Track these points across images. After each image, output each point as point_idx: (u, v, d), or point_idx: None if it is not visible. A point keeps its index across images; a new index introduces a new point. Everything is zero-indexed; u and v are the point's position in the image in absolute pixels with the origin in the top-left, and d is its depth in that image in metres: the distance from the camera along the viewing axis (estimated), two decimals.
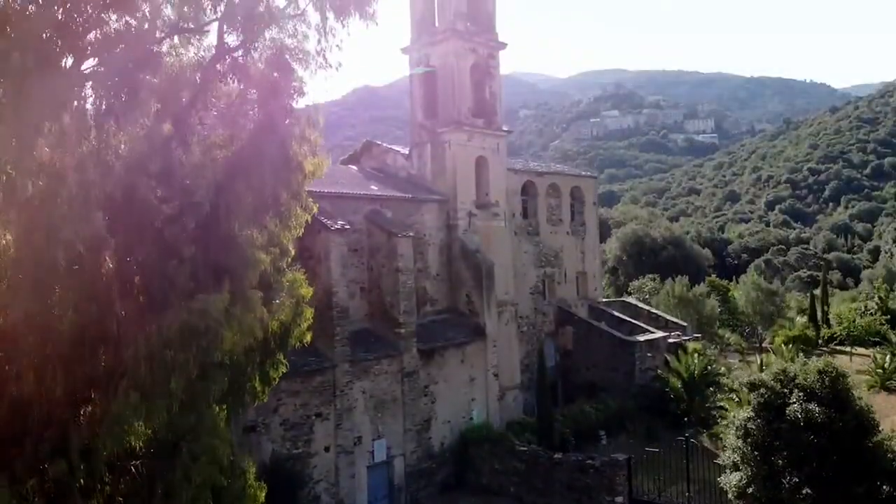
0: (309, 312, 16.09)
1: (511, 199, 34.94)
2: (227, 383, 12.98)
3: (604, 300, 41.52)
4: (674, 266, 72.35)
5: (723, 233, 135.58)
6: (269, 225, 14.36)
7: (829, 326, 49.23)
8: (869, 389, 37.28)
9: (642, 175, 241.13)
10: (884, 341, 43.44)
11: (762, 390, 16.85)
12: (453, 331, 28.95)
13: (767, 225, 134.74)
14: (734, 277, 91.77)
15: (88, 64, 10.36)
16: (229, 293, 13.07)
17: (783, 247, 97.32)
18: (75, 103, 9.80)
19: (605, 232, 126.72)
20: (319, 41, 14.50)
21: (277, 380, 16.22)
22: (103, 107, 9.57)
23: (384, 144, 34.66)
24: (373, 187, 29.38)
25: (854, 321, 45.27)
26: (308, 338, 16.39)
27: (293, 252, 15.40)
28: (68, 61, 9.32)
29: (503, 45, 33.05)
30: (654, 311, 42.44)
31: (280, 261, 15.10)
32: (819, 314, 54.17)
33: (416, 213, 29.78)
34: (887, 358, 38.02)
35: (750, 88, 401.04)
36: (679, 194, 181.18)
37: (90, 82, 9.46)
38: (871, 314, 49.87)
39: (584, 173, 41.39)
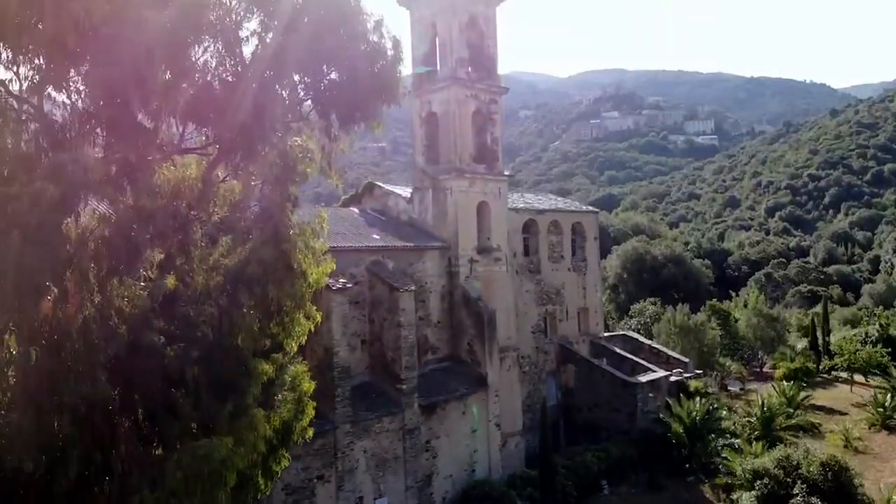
0: (311, 408, 16.07)
1: (512, 237, 34.87)
2: (230, 495, 12.96)
3: (605, 335, 41.44)
4: (674, 284, 72.46)
5: (723, 241, 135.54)
6: (272, 331, 14.34)
7: (830, 357, 49.10)
8: (869, 428, 37.34)
9: (642, 177, 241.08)
10: (885, 375, 43.37)
11: (765, 480, 16.80)
12: (455, 381, 28.89)
13: (767, 233, 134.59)
14: (735, 292, 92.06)
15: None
16: (232, 411, 13.07)
17: (783, 260, 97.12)
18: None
19: (604, 239, 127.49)
20: (324, 147, 14.52)
21: (280, 472, 16.26)
22: (105, 268, 9.48)
23: (385, 186, 34.55)
24: (374, 236, 29.25)
25: (855, 352, 45.15)
26: (310, 434, 16.39)
27: (296, 349, 15.39)
28: (70, 223, 9.23)
29: (505, 90, 32.96)
30: (655, 345, 42.40)
31: (282, 359, 15.10)
32: (820, 340, 54.04)
33: (418, 262, 29.70)
34: (888, 396, 37.96)
35: (750, 89, 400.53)
36: (679, 199, 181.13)
37: (91, 244, 9.36)
38: (873, 342, 49.78)
39: (584, 209, 41.28)
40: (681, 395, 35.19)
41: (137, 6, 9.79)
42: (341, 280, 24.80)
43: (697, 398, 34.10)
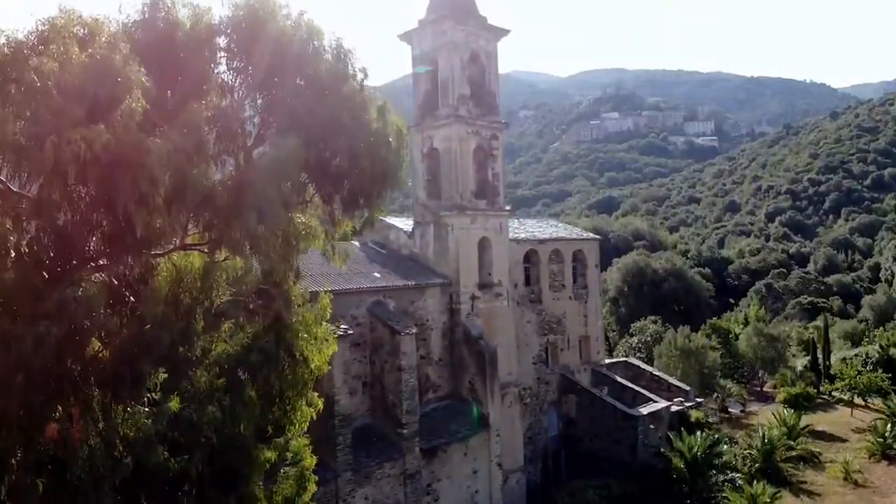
0: (313, 484, 16.04)
1: (514, 268, 34.86)
2: None
3: (606, 362, 41.44)
4: (675, 297, 72.53)
5: (723, 247, 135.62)
6: (274, 414, 14.32)
7: (831, 381, 49.11)
8: (869, 458, 37.33)
9: (642, 179, 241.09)
10: (884, 396, 43.45)
11: None
12: (456, 422, 28.89)
13: (767, 239, 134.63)
14: (735, 301, 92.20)
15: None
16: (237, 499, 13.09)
17: (784, 270, 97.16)
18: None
19: (605, 246, 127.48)
20: (327, 232, 14.48)
21: None
22: (109, 396, 9.46)
23: (387, 220, 34.43)
24: (375, 274, 29.21)
25: (856, 377, 45.16)
26: None
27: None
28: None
29: (506, 126, 32.99)
30: (656, 373, 42.38)
31: (284, 442, 15.06)
32: (820, 358, 54.05)
33: (419, 300, 29.69)
34: (888, 426, 37.96)
35: (750, 89, 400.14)
36: (679, 202, 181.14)
37: (94, 375, 9.34)
38: (873, 364, 49.80)
39: (586, 235, 41.21)
40: (682, 428, 35.15)
41: (138, 131, 9.76)
42: (342, 326, 24.80)
43: (698, 432, 34.07)
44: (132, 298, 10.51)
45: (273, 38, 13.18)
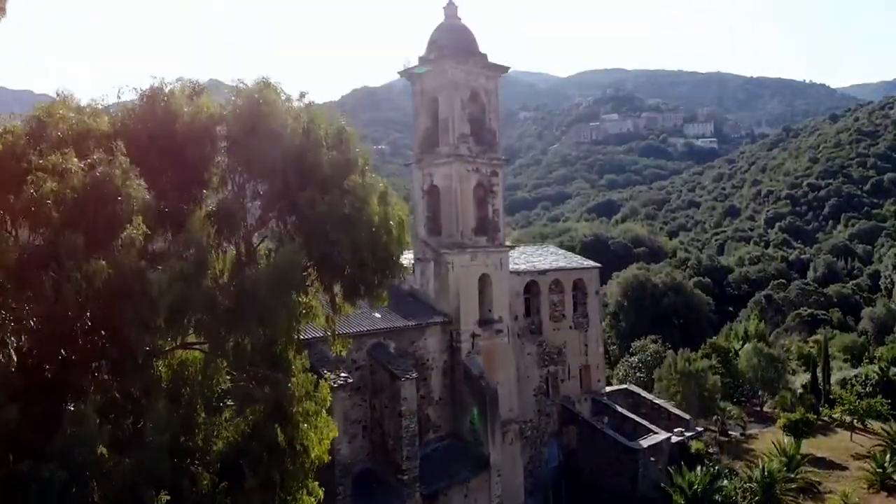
0: None
1: (514, 301, 34.88)
2: None
3: (607, 390, 41.45)
4: (675, 311, 72.54)
5: (723, 253, 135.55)
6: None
7: (831, 405, 49.12)
8: (868, 489, 37.33)
9: (642, 181, 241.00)
10: (883, 420, 43.61)
11: None
12: (456, 464, 28.89)
13: (767, 245, 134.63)
14: (735, 310, 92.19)
15: None
16: None
17: (784, 281, 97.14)
18: None
19: (604, 254, 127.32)
20: (328, 316, 14.48)
21: None
22: None
23: None
24: (376, 314, 29.14)
25: (856, 402, 45.17)
26: None
27: None
28: None
29: (506, 162, 32.99)
30: (656, 401, 42.38)
31: None
32: (820, 379, 54.05)
33: (420, 339, 29.69)
34: (887, 456, 37.96)
35: (749, 89, 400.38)
36: (679, 207, 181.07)
37: None
38: (872, 387, 49.83)
39: (586, 264, 41.18)
40: (682, 461, 35.16)
41: (139, 259, 9.75)
42: (342, 374, 24.80)
43: (699, 467, 34.06)
44: (133, 413, 10.47)
45: (274, 131, 13.20)
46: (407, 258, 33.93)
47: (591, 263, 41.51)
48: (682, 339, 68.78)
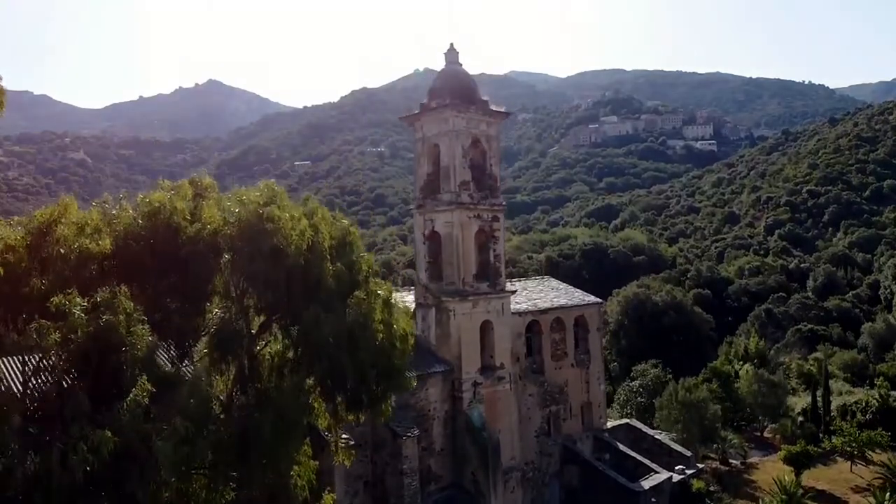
0: None
1: (515, 341, 34.79)
2: None
3: (609, 425, 41.38)
4: (675, 330, 72.56)
5: (722, 260, 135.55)
6: None
7: (830, 436, 49.15)
8: None
9: (641, 184, 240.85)
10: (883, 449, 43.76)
11: None
12: None
13: (767, 253, 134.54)
14: (734, 321, 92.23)
15: None
16: None
17: (783, 294, 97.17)
18: None
19: (605, 262, 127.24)
20: (330, 426, 14.39)
21: None
22: None
23: None
24: None
25: (857, 435, 45.24)
26: None
27: None
28: None
29: (505, 207, 32.87)
30: (657, 437, 42.32)
31: None
32: (820, 401, 54.08)
33: (421, 391, 29.55)
34: (886, 494, 37.95)
35: (748, 90, 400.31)
36: (678, 212, 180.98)
37: None
38: (873, 413, 49.87)
39: (587, 300, 41.05)
40: (684, 502, 35.14)
41: (143, 428, 9.69)
42: (343, 436, 24.68)
43: None
44: None
45: (278, 250, 13.09)
46: (408, 300, 33.98)
47: (593, 299, 41.43)
48: (683, 357, 68.93)
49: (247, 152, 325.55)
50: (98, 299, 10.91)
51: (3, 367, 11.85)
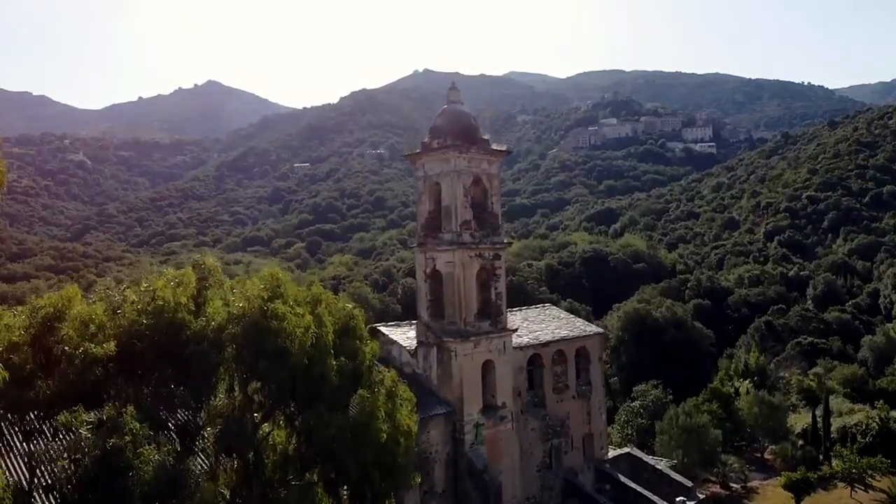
0: None
1: (517, 376, 34.75)
2: None
3: (610, 455, 41.34)
4: (675, 346, 72.48)
5: (722, 267, 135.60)
6: None
7: (831, 461, 49.21)
8: None
9: (640, 187, 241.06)
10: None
11: None
12: None
13: (767, 260, 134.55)
14: (734, 338, 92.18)
15: None
16: None
17: (783, 306, 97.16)
18: None
19: (604, 270, 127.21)
20: None
21: None
22: None
23: (390, 334, 34.29)
24: None
25: (857, 461, 45.27)
26: None
27: None
28: None
29: (509, 244, 32.84)
30: (658, 466, 42.31)
31: None
32: (820, 422, 54.14)
33: (423, 434, 29.33)
34: None
35: (748, 91, 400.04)
36: (678, 217, 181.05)
37: None
38: (873, 436, 49.91)
39: (589, 330, 41.01)
40: None
41: None
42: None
43: None
44: None
45: (282, 349, 13.05)
46: (410, 335, 33.97)
47: (594, 329, 41.42)
48: (683, 373, 68.88)
49: (246, 154, 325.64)
50: (104, 417, 10.89)
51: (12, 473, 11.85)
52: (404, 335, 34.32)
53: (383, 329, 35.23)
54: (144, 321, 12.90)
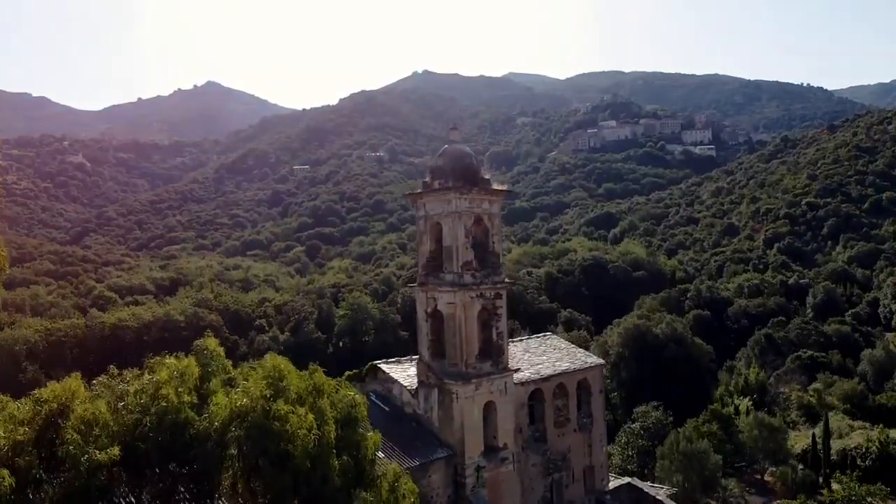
0: None
1: (518, 412, 34.64)
2: None
3: (611, 486, 41.24)
4: (675, 363, 72.51)
5: (722, 274, 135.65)
6: None
7: (830, 485, 49.24)
8: None
9: (640, 190, 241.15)
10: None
11: None
12: None
13: (766, 268, 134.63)
14: (734, 350, 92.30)
15: None
16: None
17: (783, 318, 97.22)
18: None
19: (602, 276, 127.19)
20: None
21: None
22: None
23: (390, 372, 34.13)
24: (379, 454, 28.92)
25: (856, 488, 45.30)
26: None
27: None
28: None
29: (510, 284, 32.71)
30: (658, 497, 42.19)
31: None
32: (820, 444, 54.14)
33: (424, 478, 29.31)
34: None
35: (747, 92, 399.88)
36: (677, 223, 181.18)
37: None
38: (873, 459, 49.96)
39: (590, 362, 40.85)
40: None
41: None
42: None
43: None
44: None
45: (284, 452, 12.95)
46: (410, 375, 33.84)
47: (595, 360, 41.31)
48: (683, 389, 68.95)
49: (246, 155, 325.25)
50: None
51: None
52: (405, 373, 34.15)
53: (384, 367, 35.05)
54: (148, 422, 12.81)
